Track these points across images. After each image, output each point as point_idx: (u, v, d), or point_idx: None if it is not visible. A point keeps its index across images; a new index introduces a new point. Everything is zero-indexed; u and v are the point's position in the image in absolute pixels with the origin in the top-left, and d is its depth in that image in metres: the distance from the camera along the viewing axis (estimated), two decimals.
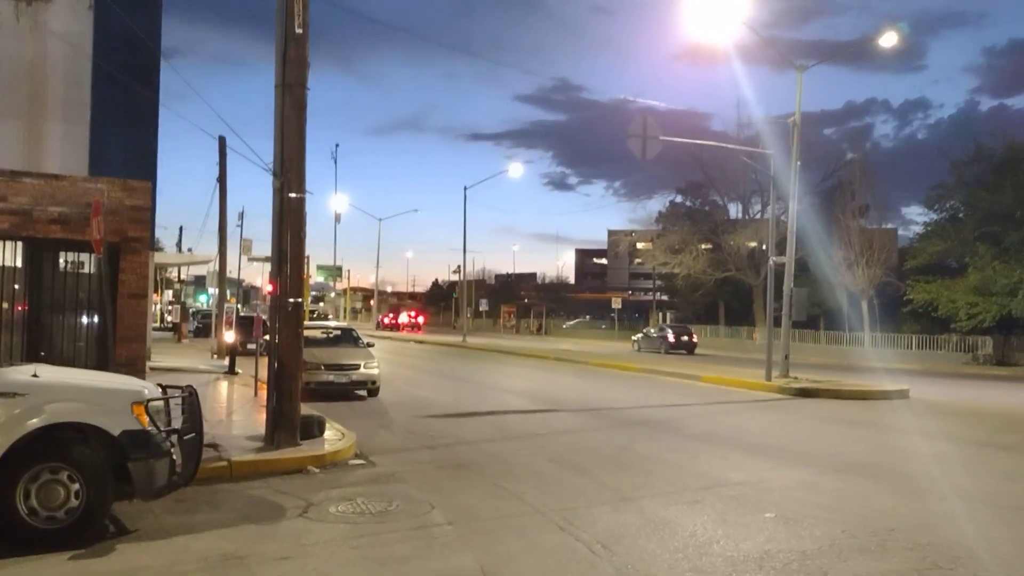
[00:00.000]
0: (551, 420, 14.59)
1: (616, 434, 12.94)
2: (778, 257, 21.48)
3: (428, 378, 23.36)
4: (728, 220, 51.54)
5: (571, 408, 16.22)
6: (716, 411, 16.45)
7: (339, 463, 9.94)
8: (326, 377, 16.63)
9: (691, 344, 42.16)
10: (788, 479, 9.55)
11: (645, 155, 19.34)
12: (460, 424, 13.92)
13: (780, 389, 19.46)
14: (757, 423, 14.67)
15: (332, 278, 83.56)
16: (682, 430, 13.45)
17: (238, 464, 9.23)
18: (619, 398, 18.27)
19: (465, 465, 10.09)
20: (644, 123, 19.13)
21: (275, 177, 10.01)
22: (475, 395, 18.79)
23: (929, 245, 37.66)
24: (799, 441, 12.69)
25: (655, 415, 15.38)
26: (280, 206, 10.00)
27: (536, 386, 21.25)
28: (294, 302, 10.01)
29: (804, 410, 16.65)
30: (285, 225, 9.99)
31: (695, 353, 40.90)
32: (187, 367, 21.06)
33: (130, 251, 10.86)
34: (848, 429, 14.21)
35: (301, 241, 10.07)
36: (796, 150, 21.55)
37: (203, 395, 16.19)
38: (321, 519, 7.38)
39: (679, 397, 18.65)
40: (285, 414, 10.00)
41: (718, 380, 21.88)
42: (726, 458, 10.91)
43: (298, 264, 10.05)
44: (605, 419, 14.75)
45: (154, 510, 7.60)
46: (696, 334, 44.55)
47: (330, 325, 21.27)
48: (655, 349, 41.85)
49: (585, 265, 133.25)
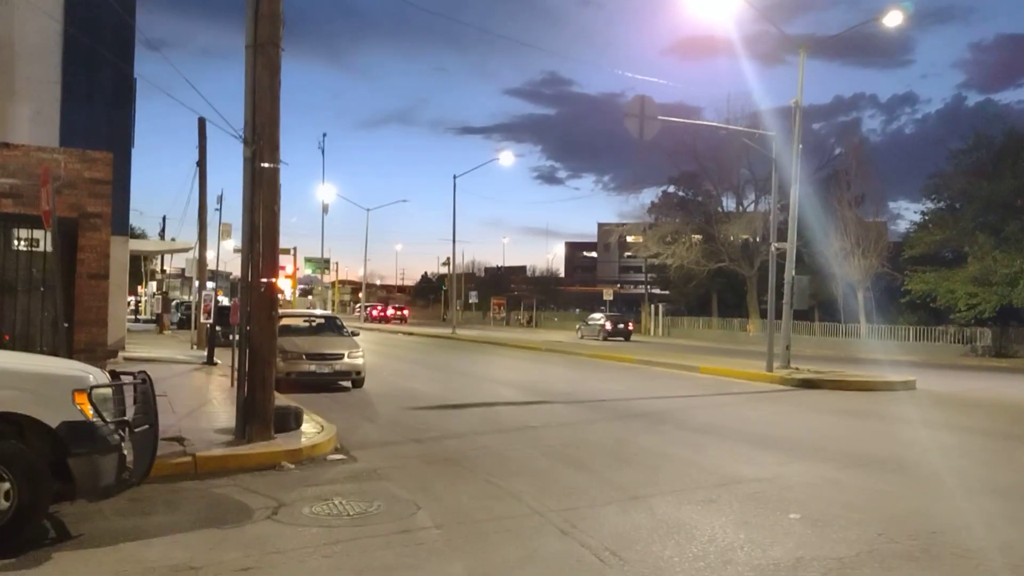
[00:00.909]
0: (545, 412, 13.79)
1: (615, 426, 12.14)
2: (779, 243, 20.70)
3: (416, 369, 22.52)
4: (722, 211, 50.82)
5: (565, 399, 15.42)
6: (717, 402, 15.68)
7: (317, 458, 9.10)
8: (308, 367, 15.76)
9: (627, 332, 45.16)
10: (806, 475, 8.77)
11: (642, 136, 18.51)
12: (449, 416, 13.10)
13: (782, 380, 18.71)
14: (762, 415, 13.90)
15: (320, 270, 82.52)
16: (684, 422, 12.67)
17: (203, 459, 8.37)
18: (615, 389, 17.47)
19: (455, 460, 9.27)
20: (641, 103, 18.29)
21: (246, 145, 9.14)
22: (465, 386, 17.96)
23: (927, 235, 37.00)
24: (809, 434, 11.92)
25: (654, 407, 14.60)
26: (251, 177, 9.13)
27: (528, 377, 20.44)
28: (267, 282, 9.15)
29: (809, 401, 15.89)
30: (257, 198, 9.12)
31: (631, 340, 44.27)
32: (164, 357, 20.16)
33: (89, 228, 9.97)
34: (858, 421, 13.46)
35: (275, 216, 9.20)
36: (798, 132, 20.78)
37: (176, 386, 15.35)
38: (292, 522, 6.54)
39: (678, 388, 17.88)
40: (257, 405, 9.15)
41: (717, 371, 21.12)
42: (735, 452, 10.13)
43: (271, 241, 9.18)
44: (602, 411, 13.95)
45: (104, 512, 6.76)
46: (631, 322, 48.08)
47: (313, 313, 20.38)
48: (595, 336, 44.77)
49: (575, 258, 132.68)
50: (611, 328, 44.77)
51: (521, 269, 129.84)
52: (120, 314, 19.97)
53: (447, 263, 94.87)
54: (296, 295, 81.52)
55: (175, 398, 12.87)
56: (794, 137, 20.76)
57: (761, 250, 48.01)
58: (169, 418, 10.72)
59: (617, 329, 44.68)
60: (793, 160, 20.87)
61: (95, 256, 10.01)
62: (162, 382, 15.63)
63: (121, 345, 20.10)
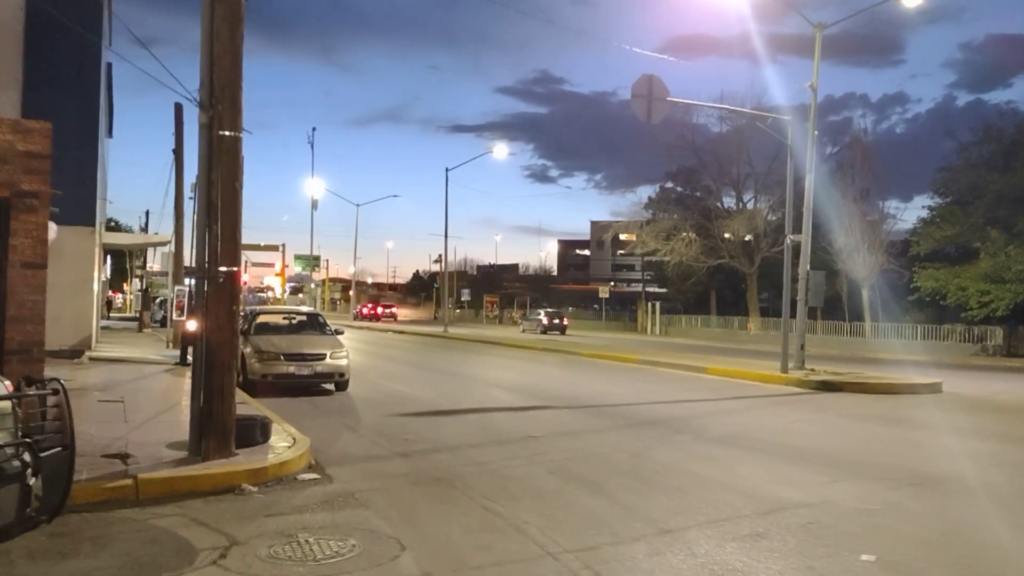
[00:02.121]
0: (547, 419, 12.46)
1: (626, 437, 10.81)
2: (795, 236, 19.40)
3: (405, 370, 21.16)
4: (721, 207, 49.56)
5: (567, 404, 14.09)
6: (734, 408, 14.38)
7: (285, 478, 7.75)
8: (286, 368, 14.39)
9: (562, 326, 50.29)
10: (859, 498, 7.47)
11: (650, 118, 17.20)
12: (441, 424, 11.76)
13: (799, 382, 17.42)
14: (786, 423, 12.60)
15: (310, 268, 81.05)
16: (703, 432, 11.35)
17: (147, 482, 7.01)
18: (620, 393, 16.16)
19: (447, 480, 7.93)
20: (649, 83, 16.96)
21: (202, 110, 7.77)
22: (458, 389, 16.62)
23: (936, 230, 35.74)
24: (845, 445, 10.63)
25: (665, 413, 13.28)
26: (208, 147, 7.77)
27: (525, 379, 19.11)
28: (227, 272, 7.78)
29: (833, 406, 14.61)
30: (215, 172, 7.76)
31: (567, 334, 48.45)
32: (134, 357, 18.75)
33: (23, 209, 8.57)
34: (894, 429, 12.18)
35: (236, 193, 7.83)
36: (813, 116, 19.52)
37: (137, 390, 13.95)
38: (243, 570, 5.20)
39: (687, 392, 16.57)
40: (215, 416, 7.78)
41: (726, 372, 19.82)
42: (770, 469, 8.82)
43: (232, 222, 7.81)
44: (609, 418, 12.62)
45: (13, 554, 5.42)
46: (567, 318, 53.27)
47: (292, 310, 18.99)
48: (534, 330, 49.63)
49: (568, 256, 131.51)
50: (548, 323, 49.93)
51: (513, 267, 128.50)
52: (86, 311, 18.57)
53: (439, 260, 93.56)
54: (286, 293, 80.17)
55: (132, 404, 11.49)
56: (810, 122, 19.49)
57: (761, 247, 46.85)
58: (118, 429, 9.37)
59: (553, 324, 49.87)
60: (808, 147, 19.60)
61: (30, 242, 8.60)
62: (123, 385, 14.31)
63: (88, 345, 18.69)
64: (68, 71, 18.52)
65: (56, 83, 18.20)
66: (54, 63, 18.51)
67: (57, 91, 18.14)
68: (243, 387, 14.47)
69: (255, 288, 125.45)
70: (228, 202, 7.78)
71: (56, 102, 18.20)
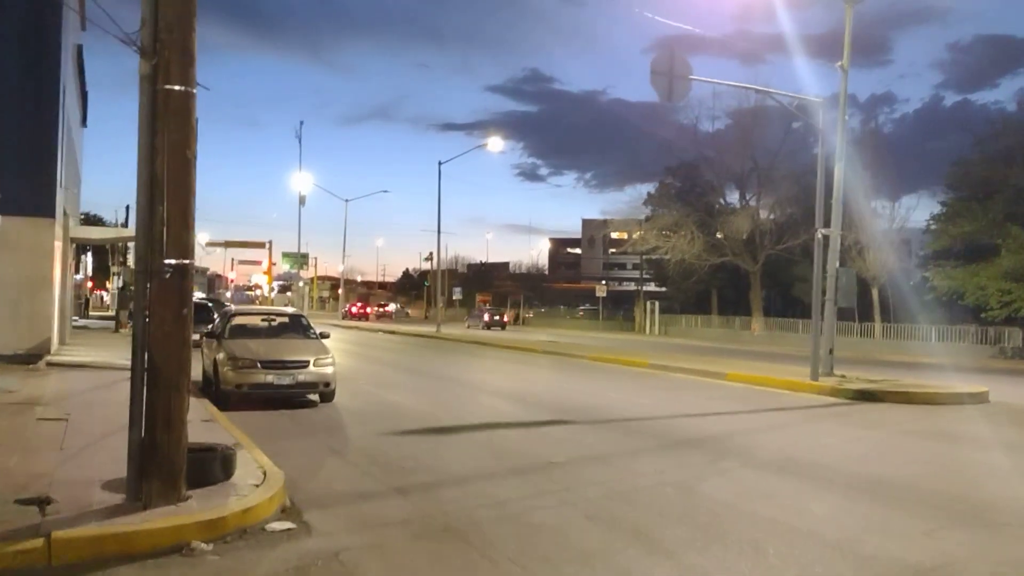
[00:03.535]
0: (565, 438, 10.77)
1: (664, 463, 9.14)
2: (825, 229, 17.76)
3: (398, 376, 19.42)
4: (724, 203, 48.01)
5: (584, 418, 12.41)
6: (773, 423, 12.73)
7: (251, 530, 6.04)
8: (264, 378, 12.64)
9: (502, 323, 55.80)
10: (984, 555, 5.85)
11: (671, 97, 15.55)
12: (443, 446, 10.06)
13: (833, 391, 15.78)
14: (840, 442, 10.95)
15: (298, 266, 79.22)
16: (749, 455, 9.69)
17: (63, 543, 5.28)
18: (640, 403, 14.48)
19: (459, 530, 6.24)
20: (671, 59, 15.28)
21: (143, 57, 6.04)
22: (457, 399, 14.92)
23: (951, 227, 34.17)
24: (922, 473, 9.00)
25: (698, 429, 11.62)
26: (151, 104, 6.04)
27: (530, 387, 17.40)
28: (176, 265, 6.05)
29: (882, 421, 12.99)
30: (161, 136, 6.02)
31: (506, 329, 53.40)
32: (97, 363, 16.93)
33: None
34: (965, 450, 10.57)
35: (188, 164, 6.10)
36: (843, 100, 17.92)
37: (89, 403, 12.06)
38: None
39: (712, 402, 14.91)
40: (160, 450, 6.06)
41: (748, 379, 18.16)
42: (851, 510, 7.19)
43: (182, 202, 6.08)
44: (636, 436, 10.95)
45: None
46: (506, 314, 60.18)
47: (273, 310, 17.18)
48: (477, 326, 53.69)
49: (559, 254, 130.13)
50: (489, 320, 54.96)
51: (504, 265, 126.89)
52: (44, 311, 16.74)
53: (430, 258, 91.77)
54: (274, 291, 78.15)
55: (78, 423, 9.72)
56: (840, 107, 17.88)
57: (765, 244, 45.34)
58: (48, 460, 7.61)
59: (494, 320, 55.03)
60: (839, 133, 17.97)
61: None
62: (75, 398, 12.51)
63: (47, 348, 16.87)
64: (22, 50, 16.66)
65: (6, 62, 16.37)
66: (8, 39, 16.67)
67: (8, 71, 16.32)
68: (215, 399, 12.74)
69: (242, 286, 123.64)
70: (177, 176, 6.04)
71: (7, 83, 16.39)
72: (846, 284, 17.70)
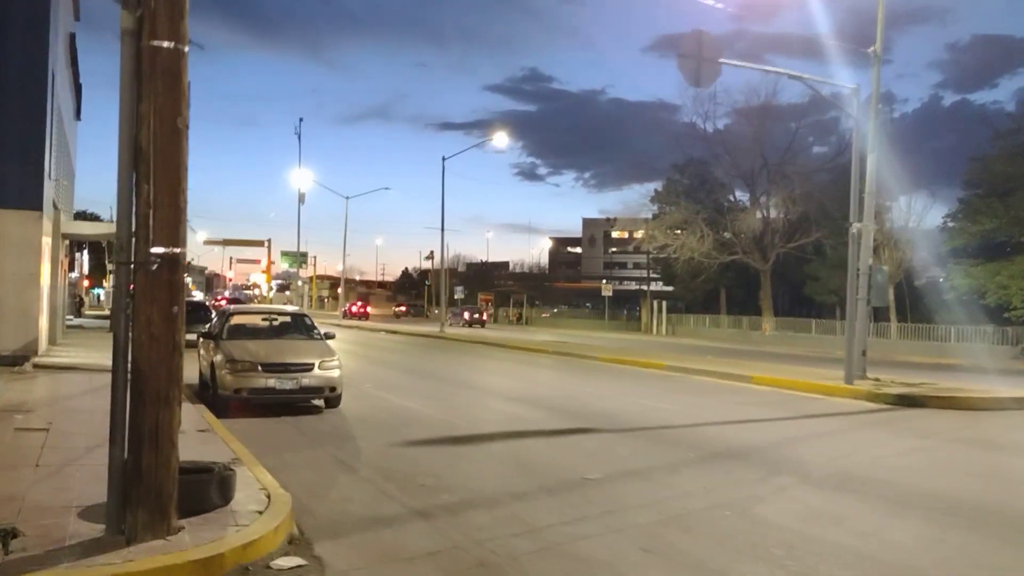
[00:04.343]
0: (596, 449, 9.84)
1: (712, 480, 8.21)
2: (858, 223, 16.83)
3: (405, 379, 18.47)
4: (734, 200, 47.11)
5: (611, 426, 11.48)
6: (817, 432, 11.78)
7: (254, 567, 5.11)
8: (265, 382, 11.69)
9: (481, 321, 58.06)
10: None
11: (699, 82, 14.61)
12: (463, 458, 9.12)
13: (871, 396, 14.85)
14: (895, 454, 10.03)
15: (297, 265, 78.27)
16: (804, 471, 8.76)
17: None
18: (666, 409, 13.56)
19: (496, 566, 5.32)
20: (699, 41, 14.33)
21: (125, 8, 5.11)
22: (471, 404, 13.98)
23: (972, 225, 33.19)
24: (998, 490, 8.08)
25: (738, 439, 10.68)
26: (135, 63, 5.11)
27: (546, 390, 16.46)
28: (165, 255, 5.11)
29: (931, 428, 12.07)
30: (147, 102, 5.09)
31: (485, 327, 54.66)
32: (88, 365, 15.99)
33: None
34: None
35: (178, 135, 5.16)
36: (876, 86, 17.00)
37: (75, 411, 11.09)
38: None
39: (745, 408, 13.98)
40: (146, 474, 5.13)
41: (776, 382, 17.22)
42: (943, 539, 6.28)
43: (172, 180, 5.14)
44: (673, 447, 10.01)
45: None
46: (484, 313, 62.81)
47: (274, 309, 16.20)
48: (457, 324, 55.73)
49: (559, 254, 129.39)
50: (468, 318, 57.88)
51: (504, 265, 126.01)
52: (31, 310, 15.79)
53: (430, 257, 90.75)
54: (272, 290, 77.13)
55: (59, 434, 8.77)
56: (872, 94, 16.96)
57: (775, 242, 44.45)
58: (22, 479, 6.68)
59: (473, 319, 57.71)
60: (872, 121, 17.05)
61: None
62: (60, 403, 11.53)
63: (34, 349, 15.91)
64: (7, 30, 15.71)
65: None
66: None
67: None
68: (212, 404, 11.81)
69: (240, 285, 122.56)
70: (166, 148, 5.11)
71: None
72: (880, 282, 16.78)
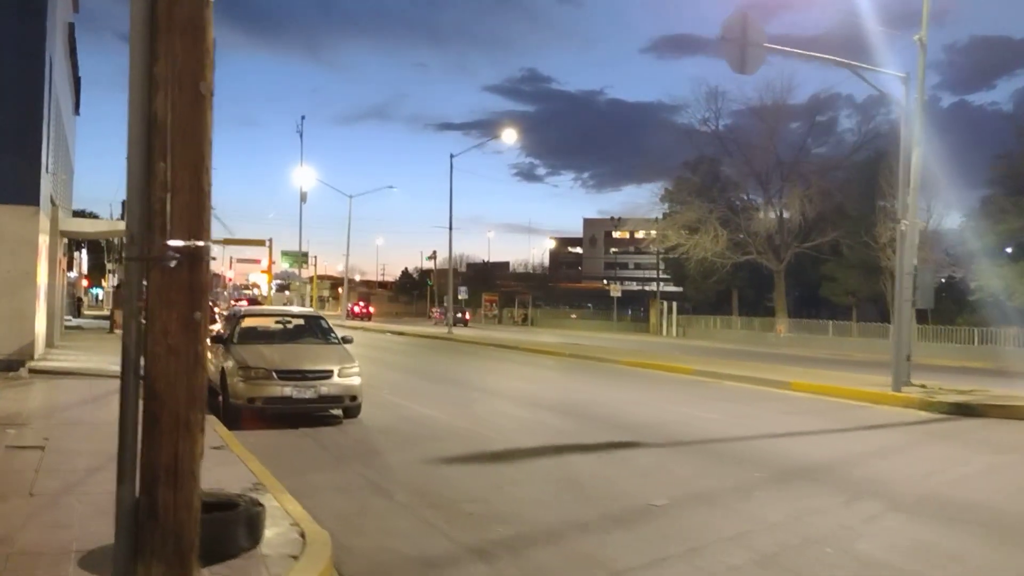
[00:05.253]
0: (649, 467, 8.92)
1: (792, 506, 7.29)
2: (906, 221, 15.91)
3: (423, 384, 17.53)
4: (747, 198, 46.19)
5: (656, 439, 10.55)
6: (882, 446, 10.84)
7: None
8: (281, 391, 10.75)
9: (464, 320, 59.84)
10: None
11: (744, 67, 13.69)
12: (506, 479, 8.17)
13: (922, 404, 13.93)
14: (980, 471, 9.14)
15: (298, 265, 77.29)
16: (887, 493, 7.84)
17: None
18: (708, 419, 12.63)
19: None
20: (744, 24, 13.41)
21: None
22: (498, 412, 13.04)
23: (999, 224, 32.22)
24: None
25: (801, 454, 9.77)
26: (149, 17, 4.18)
27: (573, 396, 15.51)
28: (185, 249, 4.17)
29: (1004, 441, 11.19)
30: (164, 63, 4.15)
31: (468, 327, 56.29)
32: (87, 370, 15.04)
33: None
34: None
35: (202, 103, 4.23)
36: (922, 75, 16.09)
37: (74, 422, 10.10)
38: None
39: (792, 417, 13.06)
40: (163, 516, 4.19)
41: (816, 389, 16.29)
42: None
43: (195, 157, 4.20)
44: (732, 464, 9.09)
45: None
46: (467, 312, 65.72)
47: (288, 311, 15.24)
48: (443, 323, 56.41)
49: (560, 254, 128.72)
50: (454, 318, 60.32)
51: (504, 265, 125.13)
52: (27, 311, 14.83)
53: (432, 257, 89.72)
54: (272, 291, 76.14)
55: (56, 453, 7.82)
56: (918, 83, 16.04)
57: (789, 242, 43.56)
58: (13, 511, 5.75)
59: (457, 319, 57.19)
60: (917, 113, 16.13)
61: None
62: (59, 415, 10.56)
63: (29, 353, 14.95)
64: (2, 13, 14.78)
65: None
66: None
67: None
68: (223, 415, 10.89)
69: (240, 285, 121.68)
70: (187, 120, 4.17)
71: None
72: (927, 283, 15.85)
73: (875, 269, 36.46)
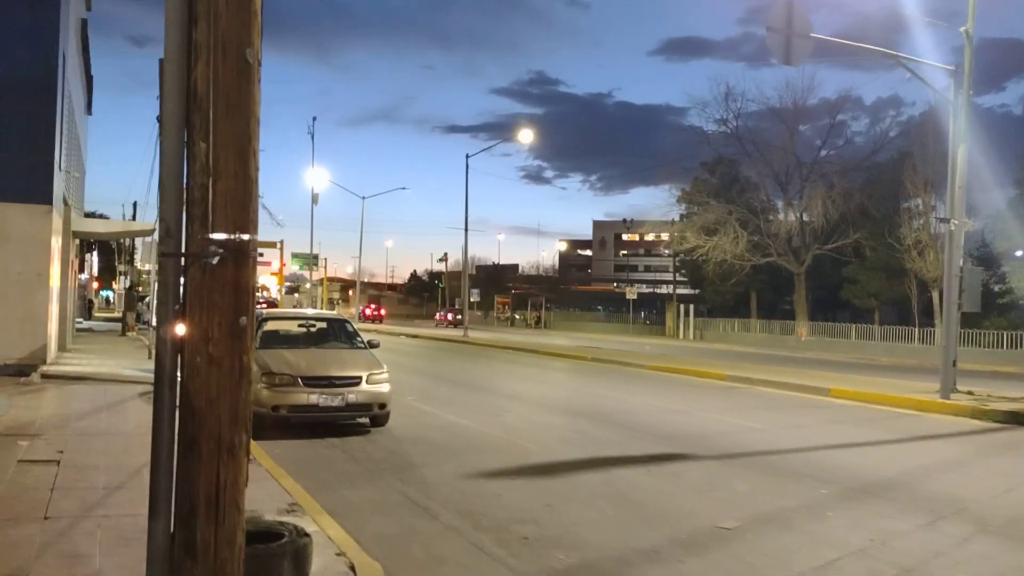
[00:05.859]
0: (705, 482, 8.31)
1: (870, 527, 6.70)
2: (957, 221, 15.25)
3: (447, 389, 16.95)
4: (767, 199, 45.48)
5: (706, 450, 9.95)
6: (945, 459, 10.23)
7: None
8: (307, 399, 10.19)
9: (458, 321, 57.14)
10: None
11: (790, 59, 13.10)
12: (556, 496, 7.56)
13: (975, 412, 13.29)
14: None
15: (308, 267, 76.96)
16: (970, 513, 7.25)
17: None
18: (754, 428, 12.02)
19: None
20: (789, 14, 12.81)
21: None
22: (530, 420, 12.45)
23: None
24: None
25: (863, 468, 9.16)
26: None
27: (605, 404, 14.91)
28: (230, 242, 3.60)
29: None
30: (204, 25, 3.60)
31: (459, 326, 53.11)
32: (101, 374, 14.52)
33: None
34: None
35: (249, 72, 3.66)
36: (968, 68, 15.46)
37: (91, 433, 9.38)
38: None
39: (842, 427, 12.44)
40: (202, 553, 3.61)
41: (857, 396, 15.65)
42: None
43: (241, 138, 3.63)
44: (793, 479, 8.49)
45: None
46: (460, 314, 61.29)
47: (312, 314, 14.68)
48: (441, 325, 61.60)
49: (569, 257, 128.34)
50: (452, 319, 62.43)
51: (514, 267, 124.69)
52: (39, 314, 14.34)
53: (443, 259, 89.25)
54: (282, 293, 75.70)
55: (72, 468, 7.27)
56: (964, 77, 15.40)
57: (810, 244, 42.88)
58: (25, 539, 5.18)
59: (449, 320, 62.48)
60: (963, 107, 15.47)
61: None
62: (73, 424, 10.00)
63: (42, 357, 14.45)
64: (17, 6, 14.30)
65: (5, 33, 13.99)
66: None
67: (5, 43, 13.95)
68: None
69: None
70: (231, 92, 3.60)
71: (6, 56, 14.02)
72: (972, 285, 15.20)
73: (899, 271, 35.75)
